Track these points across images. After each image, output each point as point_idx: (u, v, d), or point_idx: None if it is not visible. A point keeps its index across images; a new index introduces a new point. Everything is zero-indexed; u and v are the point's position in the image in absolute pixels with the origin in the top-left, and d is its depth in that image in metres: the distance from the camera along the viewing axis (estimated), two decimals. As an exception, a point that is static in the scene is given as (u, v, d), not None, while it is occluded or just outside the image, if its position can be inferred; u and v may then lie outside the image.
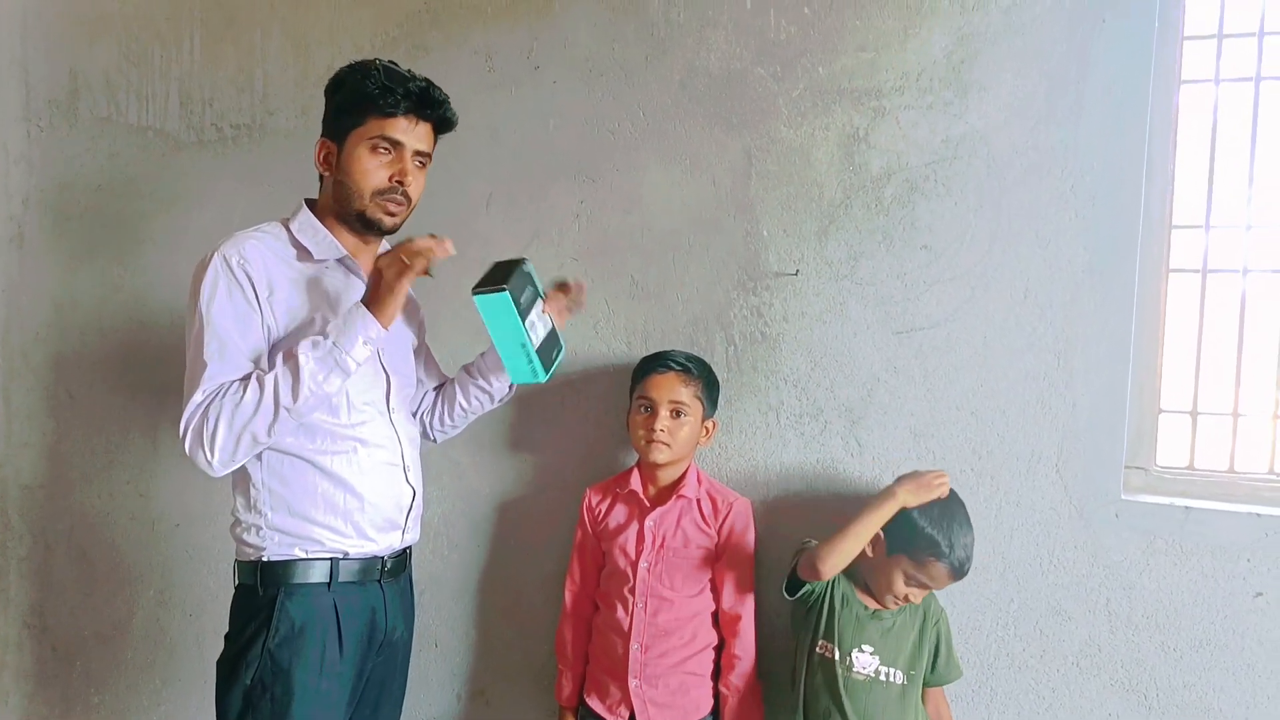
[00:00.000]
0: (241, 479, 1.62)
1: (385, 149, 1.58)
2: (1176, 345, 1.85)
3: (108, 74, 2.43)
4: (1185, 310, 1.84)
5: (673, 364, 1.85)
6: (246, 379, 1.51)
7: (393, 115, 1.57)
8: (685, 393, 1.83)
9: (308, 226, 1.64)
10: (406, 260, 1.50)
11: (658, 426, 1.81)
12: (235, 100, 2.32)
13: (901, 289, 1.88)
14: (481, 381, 1.83)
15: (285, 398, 1.48)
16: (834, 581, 1.77)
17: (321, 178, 1.66)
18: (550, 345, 1.64)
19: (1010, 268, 1.81)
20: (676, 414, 1.82)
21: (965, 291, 1.84)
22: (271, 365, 1.53)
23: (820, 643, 1.76)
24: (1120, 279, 1.76)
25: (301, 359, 1.48)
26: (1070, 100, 1.77)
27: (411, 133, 1.59)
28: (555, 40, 2.08)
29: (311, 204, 1.68)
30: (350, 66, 1.63)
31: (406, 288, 1.53)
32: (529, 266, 1.61)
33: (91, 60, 2.44)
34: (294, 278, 1.60)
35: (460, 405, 1.86)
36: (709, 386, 1.87)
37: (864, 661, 1.72)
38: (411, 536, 1.74)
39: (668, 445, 1.82)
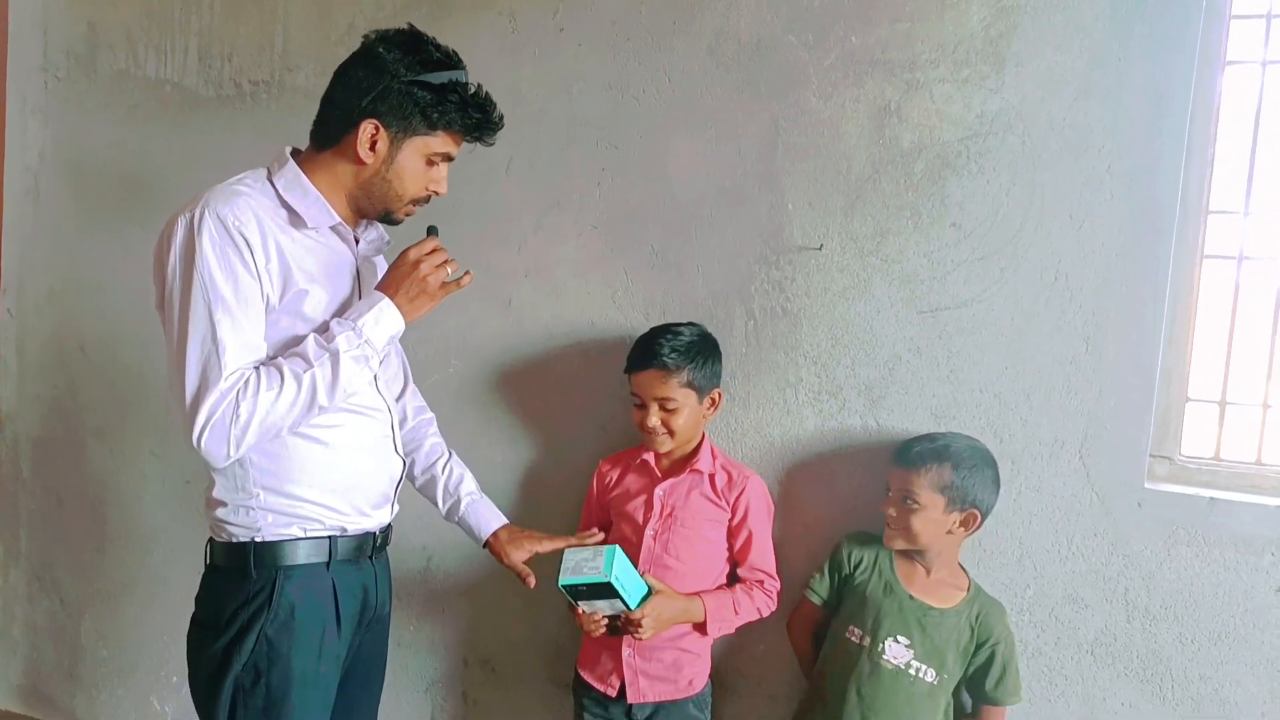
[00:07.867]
0: None
1: (438, 163, 1.53)
2: (1207, 333, 1.80)
3: (127, 26, 2.39)
4: (1218, 297, 1.80)
5: (652, 360, 1.78)
6: (279, 369, 1.39)
7: (464, 139, 1.53)
8: (667, 387, 1.77)
9: (296, 186, 1.47)
10: (452, 274, 1.50)
11: (649, 423, 1.79)
12: (255, 57, 2.29)
13: (928, 267, 1.84)
14: (457, 518, 1.80)
15: (323, 397, 1.41)
16: (878, 565, 1.77)
17: (341, 149, 1.49)
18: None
19: (1041, 248, 1.77)
20: (664, 408, 1.79)
21: (994, 272, 1.80)
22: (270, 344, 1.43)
23: (850, 628, 1.74)
24: (1154, 263, 1.71)
25: (343, 359, 1.41)
26: (1110, 78, 1.72)
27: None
28: (581, 3, 2.04)
29: (296, 156, 1.52)
30: (443, 59, 1.48)
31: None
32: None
33: (111, 12, 2.41)
34: (286, 244, 1.44)
35: (419, 478, 1.81)
36: (700, 367, 1.79)
37: (896, 651, 1.70)
38: (397, 509, 1.67)
39: (666, 435, 1.80)
